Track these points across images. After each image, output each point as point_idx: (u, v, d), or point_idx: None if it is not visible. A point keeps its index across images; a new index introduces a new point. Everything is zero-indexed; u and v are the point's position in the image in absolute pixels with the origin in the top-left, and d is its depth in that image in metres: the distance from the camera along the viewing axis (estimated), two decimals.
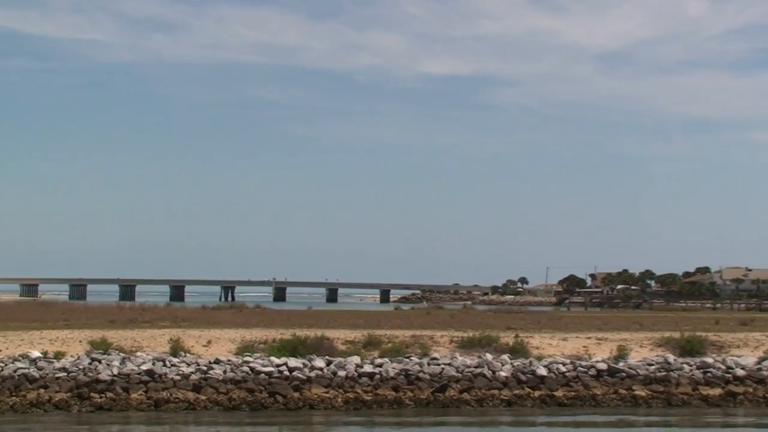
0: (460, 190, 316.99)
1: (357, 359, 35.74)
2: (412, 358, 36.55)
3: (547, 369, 36.06)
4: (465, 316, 64.06)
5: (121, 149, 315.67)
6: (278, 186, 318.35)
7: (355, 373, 34.57)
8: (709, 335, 43.36)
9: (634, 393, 35.53)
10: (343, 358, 35.72)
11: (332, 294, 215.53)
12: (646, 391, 35.70)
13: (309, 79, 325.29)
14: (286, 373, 34.18)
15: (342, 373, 34.43)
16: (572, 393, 35.13)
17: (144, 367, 33.48)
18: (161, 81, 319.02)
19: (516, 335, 41.83)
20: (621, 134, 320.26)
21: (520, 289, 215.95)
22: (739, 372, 37.16)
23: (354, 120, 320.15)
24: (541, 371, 35.81)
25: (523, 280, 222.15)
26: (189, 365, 34.21)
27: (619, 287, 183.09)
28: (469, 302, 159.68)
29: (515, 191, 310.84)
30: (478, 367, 35.78)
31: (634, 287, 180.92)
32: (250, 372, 34.07)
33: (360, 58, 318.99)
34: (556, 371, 36.03)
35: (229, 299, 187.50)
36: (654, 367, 37.15)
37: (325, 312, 70.63)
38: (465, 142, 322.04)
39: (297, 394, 33.28)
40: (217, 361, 34.77)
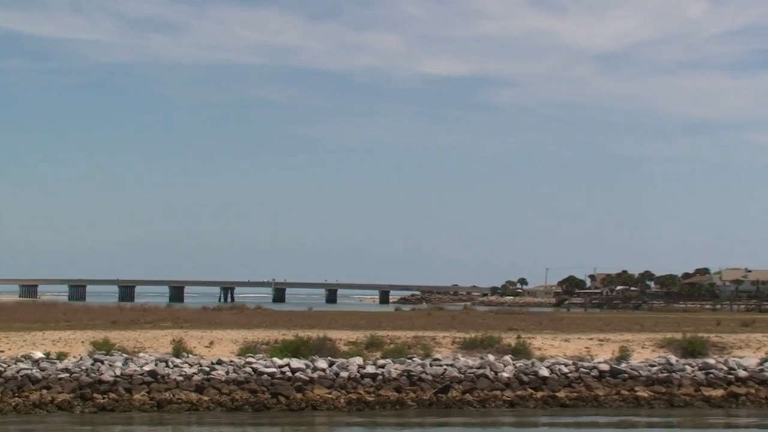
0: (459, 191, 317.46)
1: (359, 360, 35.73)
2: (414, 359, 36.54)
3: (549, 370, 36.05)
4: (466, 317, 64.12)
5: (120, 150, 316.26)
6: (278, 186, 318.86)
7: (358, 374, 34.57)
8: (711, 336, 43.37)
9: (637, 394, 35.54)
10: (346, 359, 35.71)
11: (331, 295, 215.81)
12: (648, 392, 35.70)
13: (308, 79, 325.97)
14: (289, 374, 34.17)
15: (344, 374, 34.43)
16: (574, 394, 35.14)
17: (147, 368, 33.47)
18: (161, 81, 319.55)
19: (518, 336, 41.81)
20: (620, 135, 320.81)
21: (519, 290, 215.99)
22: (741, 373, 37.17)
23: (353, 120, 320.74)
24: (544, 372, 35.81)
25: (523, 281, 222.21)
26: (192, 366, 34.19)
27: (618, 288, 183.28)
28: (469, 303, 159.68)
29: (514, 192, 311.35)
30: (480, 368, 35.78)
31: (633, 288, 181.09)
32: (253, 373, 34.06)
33: (359, 59, 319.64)
34: (558, 372, 36.03)
35: (229, 300, 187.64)
36: (656, 368, 37.16)
37: (327, 313, 70.67)
38: (464, 142, 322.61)
39: (300, 395, 33.27)
40: (220, 362, 34.75)
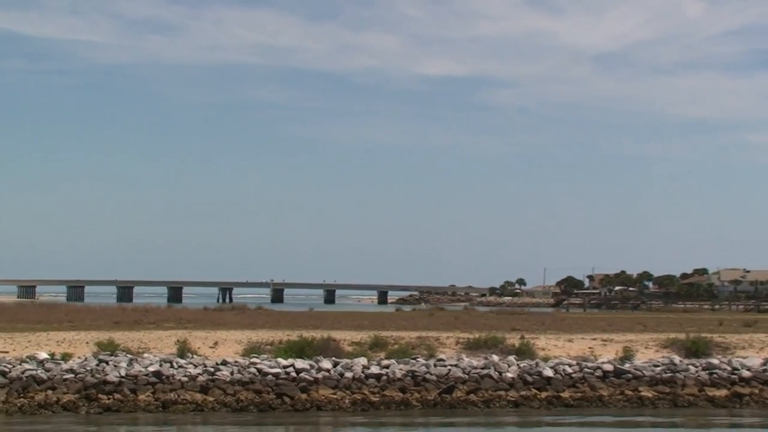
0: (457, 191, 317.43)
1: (364, 360, 35.75)
2: (418, 359, 36.56)
3: (553, 370, 36.07)
4: (468, 317, 64.23)
5: (118, 150, 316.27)
6: (276, 187, 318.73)
7: (362, 375, 34.59)
8: (714, 336, 43.42)
9: (641, 394, 35.57)
10: (350, 360, 35.73)
11: (330, 295, 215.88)
12: (652, 392, 35.72)
13: (306, 80, 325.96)
14: (294, 374, 34.16)
15: (349, 375, 34.45)
16: (578, 394, 35.17)
17: (151, 369, 33.46)
18: (159, 82, 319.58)
19: (522, 336, 41.85)
20: (619, 135, 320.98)
21: (517, 291, 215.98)
22: (744, 373, 37.20)
23: (351, 121, 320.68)
24: (548, 372, 35.83)
25: (521, 282, 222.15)
26: (196, 366, 34.16)
27: (616, 289, 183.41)
28: (468, 303, 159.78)
29: (513, 192, 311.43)
30: (484, 369, 35.80)
31: (631, 289, 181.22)
32: (258, 373, 34.05)
33: (357, 60, 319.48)
34: (562, 372, 36.05)
35: (227, 301, 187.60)
36: (660, 369, 37.18)
37: (329, 313, 70.74)
38: (463, 143, 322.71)
39: (304, 396, 33.28)
40: (225, 363, 34.74)
